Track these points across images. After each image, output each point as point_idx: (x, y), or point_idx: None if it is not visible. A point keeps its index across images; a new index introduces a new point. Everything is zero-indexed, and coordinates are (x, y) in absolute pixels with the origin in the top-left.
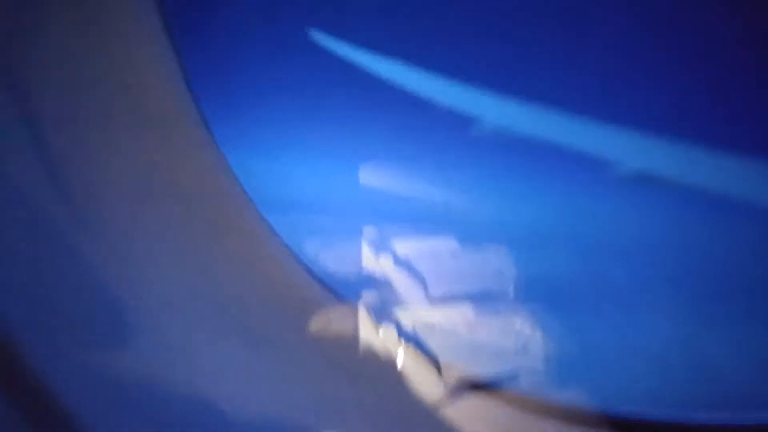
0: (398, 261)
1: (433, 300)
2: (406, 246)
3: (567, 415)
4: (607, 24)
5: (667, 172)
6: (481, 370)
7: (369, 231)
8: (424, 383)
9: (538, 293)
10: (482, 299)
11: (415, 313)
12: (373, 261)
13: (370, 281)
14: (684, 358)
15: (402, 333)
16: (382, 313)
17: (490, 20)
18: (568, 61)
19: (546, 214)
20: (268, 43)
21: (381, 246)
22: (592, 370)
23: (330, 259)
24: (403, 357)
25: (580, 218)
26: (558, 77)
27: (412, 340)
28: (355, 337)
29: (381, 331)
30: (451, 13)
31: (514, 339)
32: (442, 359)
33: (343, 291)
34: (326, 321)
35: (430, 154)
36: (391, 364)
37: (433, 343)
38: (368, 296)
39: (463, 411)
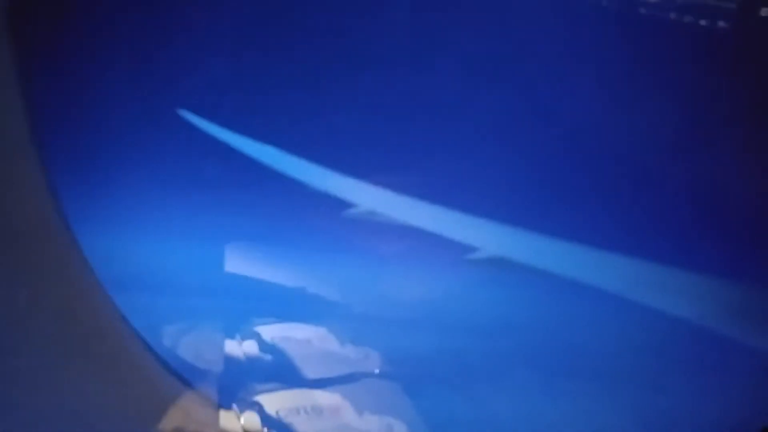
0: (263, 345)
1: (298, 384)
2: (271, 330)
3: None
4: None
5: (520, 258)
6: None
7: (233, 315)
8: None
9: (402, 373)
10: (347, 382)
11: (280, 397)
12: (236, 346)
13: (232, 366)
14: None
15: (265, 418)
16: (245, 399)
17: (356, 108)
18: (431, 155)
19: (410, 296)
20: (136, 120)
21: (246, 330)
22: None
23: (192, 344)
24: None
25: (441, 299)
26: (422, 168)
27: (276, 425)
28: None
29: (243, 418)
30: (323, 103)
31: (379, 421)
32: None
33: (204, 378)
34: (183, 416)
35: (298, 236)
36: None
37: (298, 428)
38: (229, 382)
39: None
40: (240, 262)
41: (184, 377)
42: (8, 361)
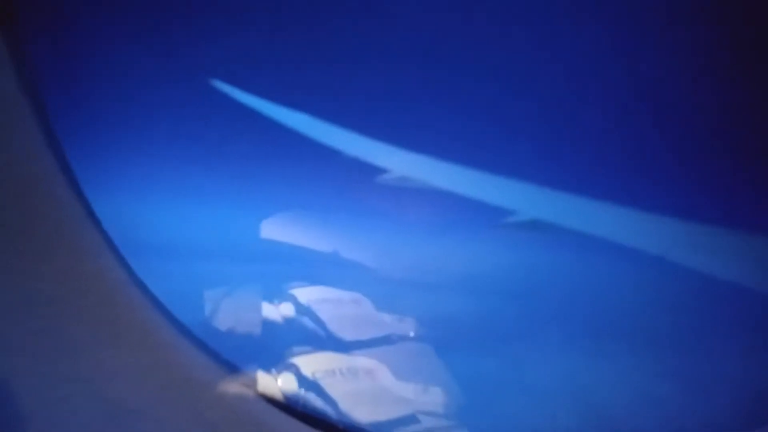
0: (296, 309)
1: (333, 347)
2: (303, 293)
3: None
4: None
5: (557, 220)
6: (384, 415)
7: (269, 279)
8: None
9: (437, 336)
10: (383, 344)
11: (316, 359)
12: (269, 310)
13: (267, 331)
14: (572, 393)
15: (302, 380)
16: (281, 363)
17: (387, 73)
18: (467, 115)
19: (444, 259)
20: (167, 91)
21: (282, 293)
22: (491, 408)
23: (227, 311)
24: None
25: (476, 263)
26: (456, 130)
27: (313, 387)
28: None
29: (280, 380)
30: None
31: (414, 384)
32: (343, 405)
33: (239, 343)
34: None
35: (331, 202)
36: None
37: (334, 390)
38: (264, 346)
39: None
40: (274, 228)
41: (211, 346)
42: (20, 325)
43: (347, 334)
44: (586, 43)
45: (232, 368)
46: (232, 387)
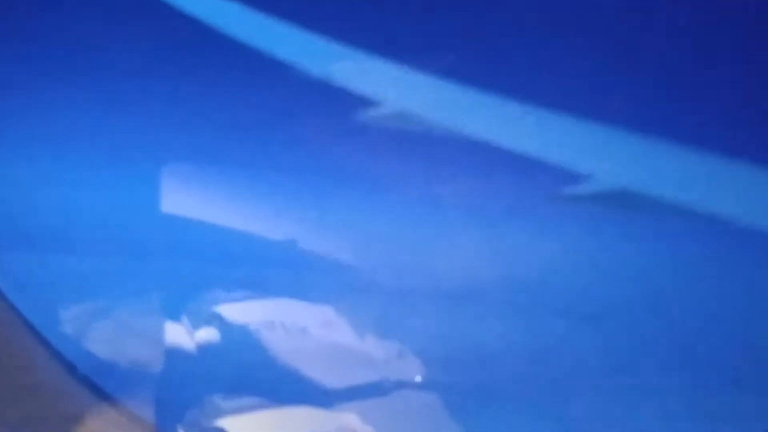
0: (223, 335)
1: (289, 398)
2: (243, 309)
3: None
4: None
5: (657, 190)
6: None
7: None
8: None
9: (462, 384)
10: (369, 396)
11: (254, 420)
12: (181, 336)
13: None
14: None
15: None
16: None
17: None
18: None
19: (473, 255)
20: None
21: (194, 311)
22: None
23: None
24: None
25: (520, 266)
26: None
27: None
28: None
29: None
30: None
31: None
32: None
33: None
34: None
35: (282, 156)
36: None
37: None
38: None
39: None
40: (188, 202)
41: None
42: None
43: (311, 379)
44: None
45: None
46: None
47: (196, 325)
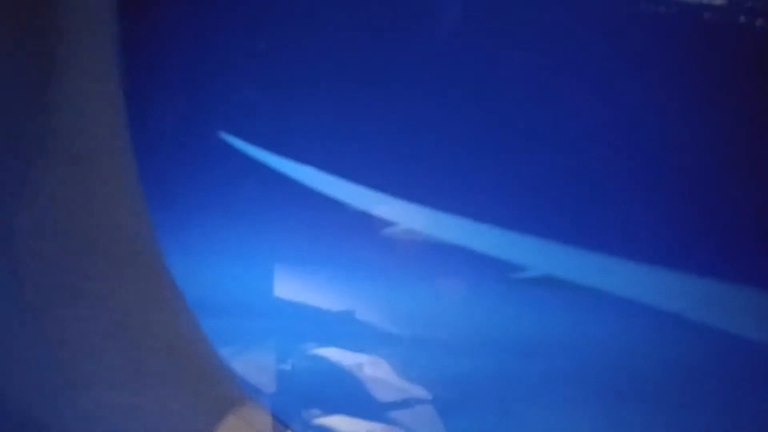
0: (315, 370)
1: (354, 410)
2: (320, 355)
3: None
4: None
5: (569, 276)
6: None
7: (281, 337)
8: None
9: (452, 399)
10: (398, 407)
11: (336, 423)
12: (288, 369)
13: (282, 386)
14: None
15: None
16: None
17: (400, 129)
18: (476, 169)
19: (455, 315)
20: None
21: (295, 353)
22: None
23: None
24: None
25: (489, 320)
26: (465, 183)
27: None
28: None
29: None
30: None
31: None
32: None
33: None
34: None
35: (336, 257)
36: None
37: None
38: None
39: None
40: (281, 285)
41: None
42: (92, 380)
43: (363, 397)
44: (603, 96)
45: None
46: None
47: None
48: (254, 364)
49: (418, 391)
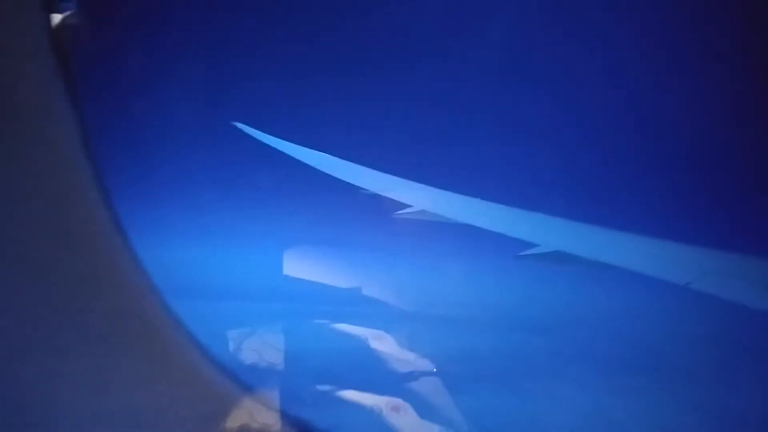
0: (321, 347)
1: (357, 385)
2: (328, 331)
3: None
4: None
5: (579, 251)
6: None
7: (289, 317)
8: None
9: (460, 372)
10: (406, 381)
11: (340, 397)
12: (293, 348)
13: (291, 368)
14: (599, 430)
15: (326, 418)
16: (305, 400)
17: (403, 112)
18: (485, 150)
19: (466, 294)
20: (192, 133)
21: (303, 332)
22: None
23: (249, 347)
24: None
25: (498, 296)
26: (474, 165)
27: (337, 425)
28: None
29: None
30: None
31: (438, 421)
32: None
33: (263, 380)
34: (247, 416)
35: (352, 238)
36: None
37: (357, 425)
38: (288, 384)
39: None
40: (296, 266)
41: (242, 380)
42: (59, 363)
43: (370, 371)
44: (600, 72)
45: (259, 400)
46: (259, 417)
47: (307, 339)
48: (253, 348)
49: (425, 365)
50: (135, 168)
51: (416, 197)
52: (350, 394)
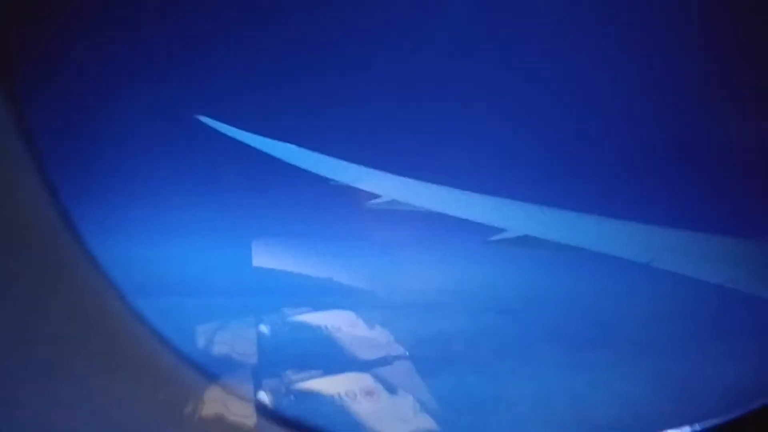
0: (292, 336)
1: (330, 370)
2: (299, 320)
3: None
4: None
5: (544, 234)
6: None
7: (265, 308)
8: None
9: (431, 355)
10: (378, 365)
11: (314, 384)
12: (265, 338)
13: (263, 358)
14: (565, 405)
15: (301, 405)
16: (279, 389)
17: (370, 102)
18: (450, 138)
19: (435, 278)
20: (155, 130)
21: (274, 322)
22: (486, 424)
23: (221, 340)
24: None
25: (467, 280)
26: (441, 154)
27: (312, 411)
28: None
29: (278, 406)
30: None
31: (411, 403)
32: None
33: (235, 371)
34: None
35: (323, 229)
36: None
37: (335, 412)
38: (261, 373)
39: None
40: (265, 258)
41: (213, 372)
42: (16, 362)
43: (343, 357)
44: (571, 63)
45: (233, 392)
46: (234, 408)
47: (279, 330)
48: (225, 341)
49: (398, 349)
50: (90, 165)
51: (385, 187)
52: (324, 382)
